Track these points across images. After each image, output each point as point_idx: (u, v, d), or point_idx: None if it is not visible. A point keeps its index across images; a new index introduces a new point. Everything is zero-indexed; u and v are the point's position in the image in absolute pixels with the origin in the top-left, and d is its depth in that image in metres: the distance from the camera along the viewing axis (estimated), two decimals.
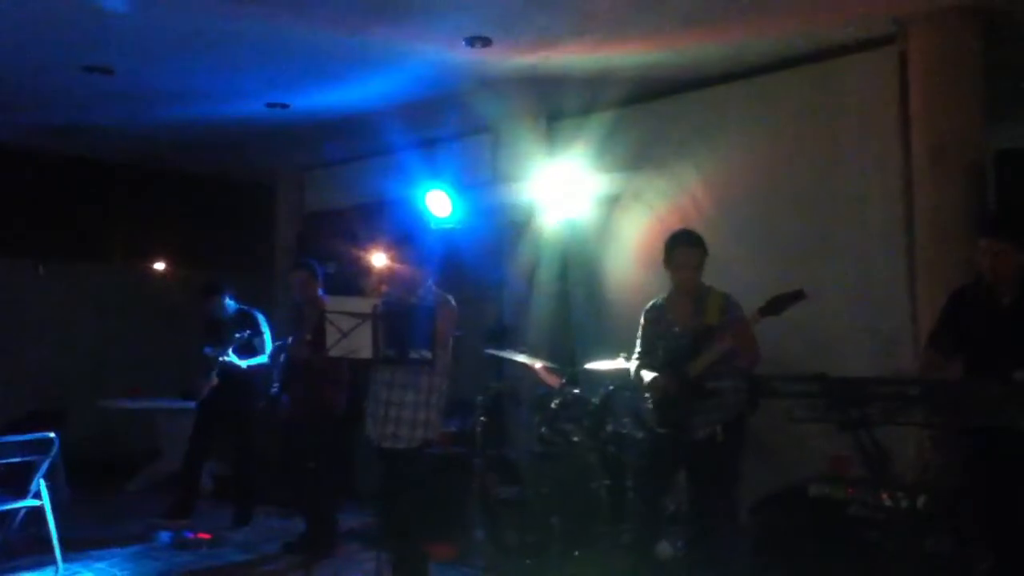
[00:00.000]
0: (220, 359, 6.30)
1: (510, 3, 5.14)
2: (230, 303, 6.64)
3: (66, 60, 6.16)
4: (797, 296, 4.02)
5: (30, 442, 5.21)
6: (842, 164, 5.81)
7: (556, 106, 6.94)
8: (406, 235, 4.50)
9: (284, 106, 7.31)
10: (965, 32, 5.21)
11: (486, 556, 5.45)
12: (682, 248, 4.42)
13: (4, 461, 5.10)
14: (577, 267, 6.99)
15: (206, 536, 6.16)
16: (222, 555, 5.85)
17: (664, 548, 5.03)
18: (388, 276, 4.42)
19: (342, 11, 5.27)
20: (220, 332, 6.48)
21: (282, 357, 6.05)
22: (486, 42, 5.73)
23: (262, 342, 6.51)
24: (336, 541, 5.81)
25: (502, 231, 7.13)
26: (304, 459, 5.75)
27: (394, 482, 4.30)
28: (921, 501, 4.19)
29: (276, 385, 6.00)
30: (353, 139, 8.08)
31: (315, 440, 5.73)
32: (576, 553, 5.18)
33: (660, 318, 4.52)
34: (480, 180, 7.29)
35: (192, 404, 6.75)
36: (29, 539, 5.53)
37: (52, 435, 5.25)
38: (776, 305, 4.04)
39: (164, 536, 6.16)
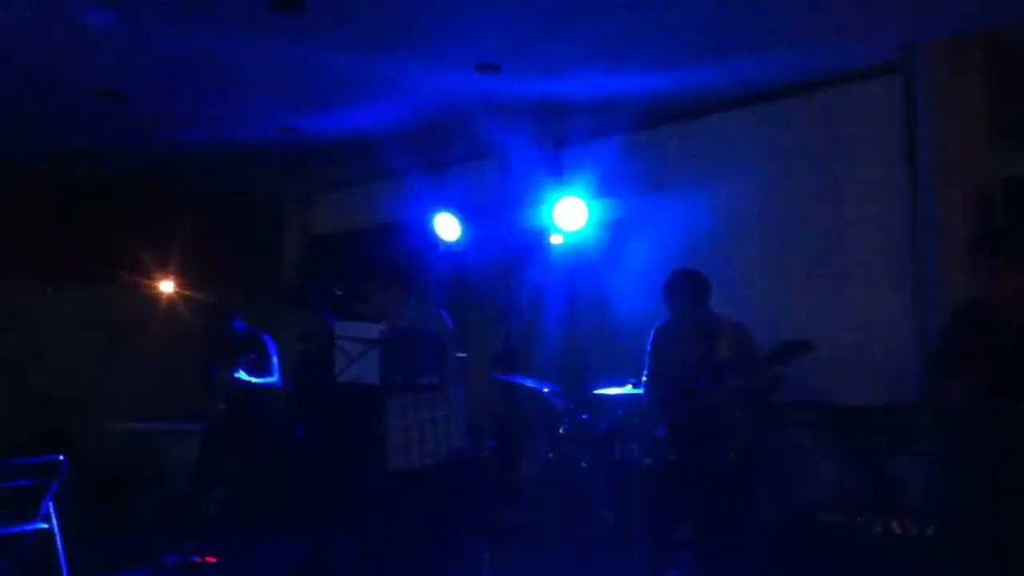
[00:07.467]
0: (230, 378, 6.28)
1: (519, 30, 5.18)
2: (238, 324, 6.66)
3: (76, 84, 6.20)
4: (805, 347, 4.15)
5: (39, 465, 5.22)
6: (848, 190, 5.83)
7: (564, 132, 6.98)
8: (397, 268, 4.51)
9: (292, 130, 7.35)
10: (971, 58, 5.24)
11: None
12: (676, 294, 4.42)
13: (13, 484, 5.11)
14: (584, 292, 7.00)
15: (212, 560, 6.15)
16: None
17: None
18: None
19: (351, 38, 5.31)
20: (228, 353, 6.48)
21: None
22: (495, 68, 5.77)
23: (269, 364, 6.52)
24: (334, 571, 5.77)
25: (510, 255, 7.15)
26: (310, 486, 5.73)
27: (413, 505, 4.25)
28: (931, 530, 4.18)
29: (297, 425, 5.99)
30: (361, 162, 8.11)
31: (324, 467, 5.71)
32: None
33: (670, 342, 4.51)
34: (488, 204, 7.32)
35: (199, 426, 6.75)
36: (38, 562, 5.50)
37: (61, 458, 5.26)
38: (783, 354, 4.17)
39: (170, 559, 6.14)
